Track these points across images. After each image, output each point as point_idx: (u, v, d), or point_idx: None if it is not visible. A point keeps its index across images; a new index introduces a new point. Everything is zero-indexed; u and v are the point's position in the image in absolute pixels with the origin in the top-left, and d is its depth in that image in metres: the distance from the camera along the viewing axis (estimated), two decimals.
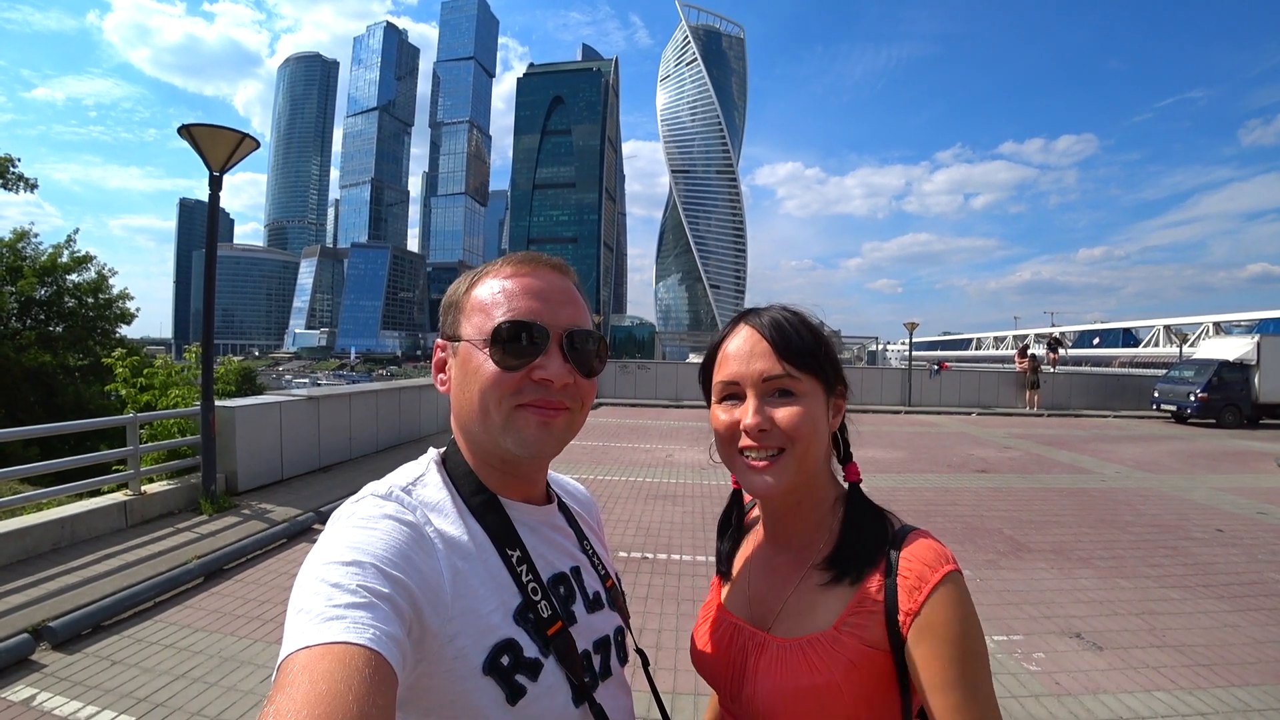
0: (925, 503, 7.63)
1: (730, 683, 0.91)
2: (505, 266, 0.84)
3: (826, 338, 0.91)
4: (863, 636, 0.80)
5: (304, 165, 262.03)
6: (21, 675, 3.43)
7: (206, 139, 6.22)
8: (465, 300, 0.83)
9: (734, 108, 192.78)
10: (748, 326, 0.90)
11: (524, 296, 0.80)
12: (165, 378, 8.54)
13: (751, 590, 0.97)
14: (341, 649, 0.53)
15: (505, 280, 0.81)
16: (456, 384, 0.81)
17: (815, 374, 0.87)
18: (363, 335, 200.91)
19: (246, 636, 3.89)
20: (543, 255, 0.86)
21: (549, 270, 0.84)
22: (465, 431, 0.83)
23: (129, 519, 5.79)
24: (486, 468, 0.82)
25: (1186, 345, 30.33)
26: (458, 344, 0.81)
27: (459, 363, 0.81)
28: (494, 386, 0.77)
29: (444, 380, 0.84)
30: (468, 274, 0.86)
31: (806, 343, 0.87)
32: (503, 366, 0.76)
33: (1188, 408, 17.29)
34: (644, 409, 18.19)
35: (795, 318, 0.90)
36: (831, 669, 0.80)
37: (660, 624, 4.15)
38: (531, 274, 0.82)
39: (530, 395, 0.77)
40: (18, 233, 15.80)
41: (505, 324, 0.77)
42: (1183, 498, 8.23)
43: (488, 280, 0.83)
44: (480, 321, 0.79)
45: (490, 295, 0.80)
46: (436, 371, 0.86)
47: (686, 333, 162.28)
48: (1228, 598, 4.77)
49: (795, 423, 0.84)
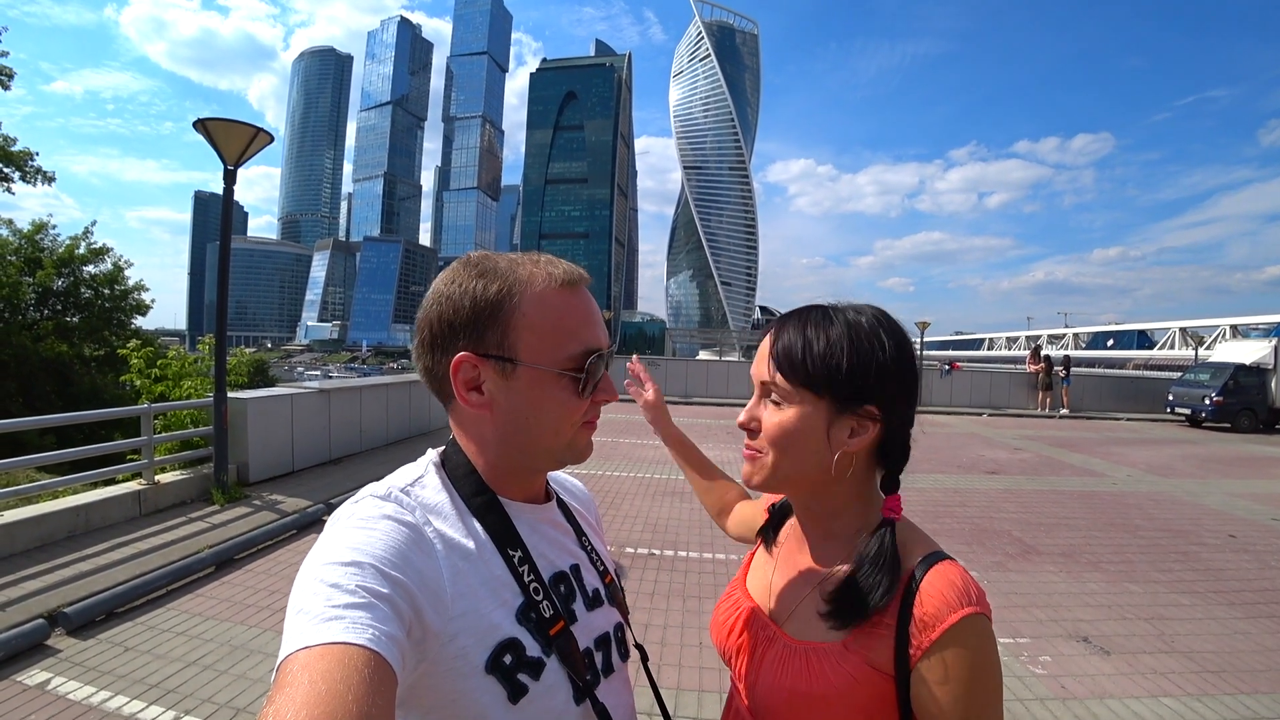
0: (934, 503, 7.59)
1: (741, 664, 0.93)
2: (551, 283, 0.79)
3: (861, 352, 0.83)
4: (868, 657, 0.78)
5: (317, 159, 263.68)
6: (37, 660, 3.49)
7: (221, 133, 6.27)
8: (514, 316, 0.77)
9: (747, 104, 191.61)
10: (770, 332, 0.91)
11: (590, 325, 0.81)
12: (179, 369, 8.62)
13: (774, 581, 0.97)
14: (341, 649, 0.53)
15: (566, 302, 0.80)
16: (520, 407, 0.78)
17: (811, 389, 0.83)
18: (374, 328, 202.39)
19: (256, 625, 3.94)
20: (576, 268, 0.83)
21: (586, 287, 0.84)
22: (508, 447, 0.81)
23: (142, 508, 5.87)
24: (500, 472, 0.82)
25: (1202, 348, 29.96)
26: (510, 365, 0.77)
27: (521, 387, 0.78)
28: (575, 412, 0.80)
29: (480, 401, 0.78)
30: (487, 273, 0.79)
31: (812, 355, 0.83)
32: (582, 395, 0.80)
33: (1202, 411, 17.05)
34: None
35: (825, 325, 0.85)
36: (831, 682, 0.79)
37: (666, 620, 4.16)
38: (582, 294, 0.83)
39: (590, 414, 0.83)
40: (36, 224, 16.01)
41: (592, 356, 0.79)
42: (1195, 503, 8.14)
43: (539, 296, 0.78)
44: (551, 348, 0.77)
45: (556, 319, 0.78)
46: (466, 389, 0.78)
47: (697, 330, 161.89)
48: (1239, 604, 4.72)
49: (772, 431, 0.86)
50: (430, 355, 0.80)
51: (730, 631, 0.97)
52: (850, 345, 0.83)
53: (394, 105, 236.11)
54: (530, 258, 0.82)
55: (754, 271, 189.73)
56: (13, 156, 15.19)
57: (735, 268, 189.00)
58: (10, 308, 14.97)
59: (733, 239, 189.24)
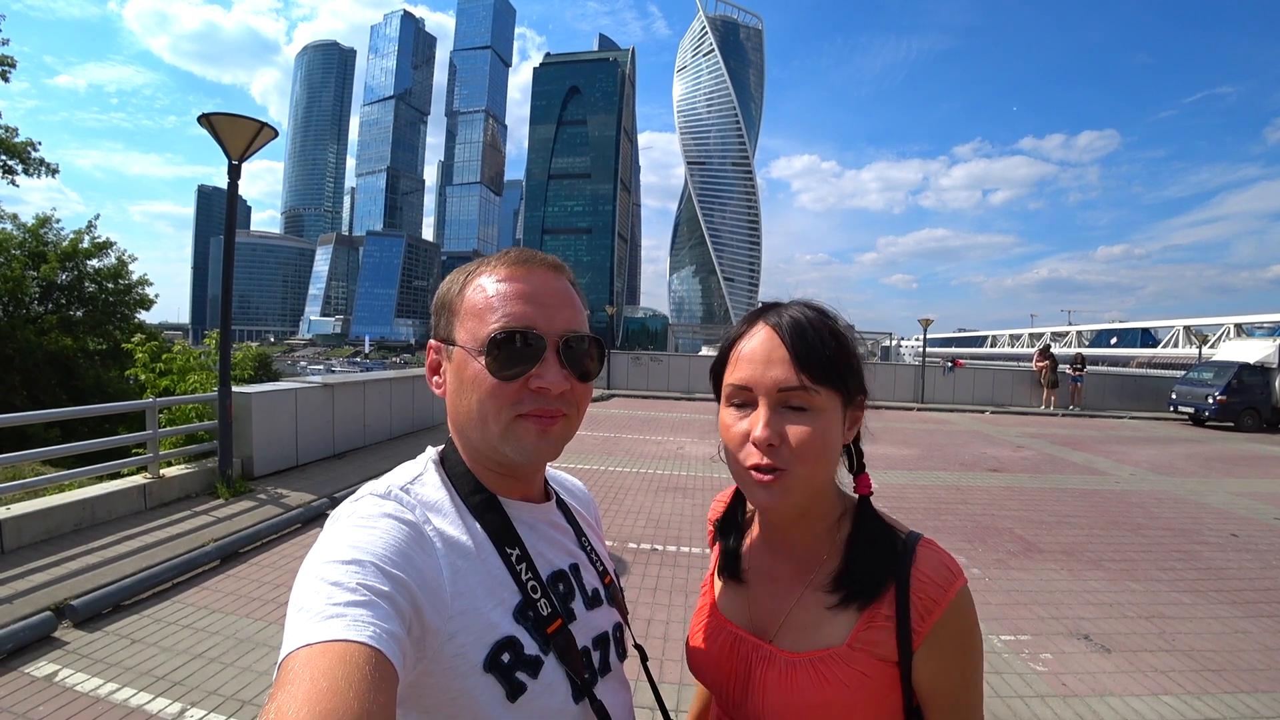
0: (936, 500, 7.59)
1: (734, 693, 0.89)
2: (499, 267, 0.80)
3: (851, 342, 0.83)
4: (874, 651, 0.79)
5: (321, 153, 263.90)
6: (44, 652, 3.52)
7: (226, 128, 6.27)
8: (458, 302, 0.80)
9: (750, 99, 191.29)
10: (766, 327, 0.82)
11: (518, 301, 0.77)
12: (184, 363, 8.66)
13: (751, 599, 0.93)
14: (342, 646, 0.53)
15: (499, 282, 0.79)
16: (453, 390, 0.80)
17: (834, 386, 0.80)
18: (377, 323, 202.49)
19: (261, 619, 3.96)
20: (537, 253, 0.83)
21: (544, 270, 0.81)
22: (462, 436, 0.82)
23: (148, 501, 5.89)
24: (484, 469, 0.82)
25: (1206, 347, 29.80)
26: (452, 349, 0.80)
27: (454, 369, 0.79)
28: (491, 397, 0.76)
29: (439, 384, 0.83)
30: (460, 270, 0.84)
31: (829, 350, 0.79)
32: (499, 377, 0.75)
33: (1206, 410, 17.03)
34: (655, 401, 18.19)
35: (819, 319, 0.82)
36: (844, 685, 0.78)
37: (669, 615, 4.18)
38: (526, 275, 0.79)
39: (529, 405, 0.76)
40: (40, 218, 16.00)
41: (500, 332, 0.75)
42: (1198, 501, 8.13)
43: (480, 281, 0.80)
44: (474, 327, 0.77)
45: (483, 299, 0.78)
46: (431, 374, 0.84)
47: (700, 325, 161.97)
48: (1240, 603, 4.72)
49: (806, 442, 0.78)
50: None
51: (717, 662, 0.91)
52: (845, 337, 0.83)
53: (397, 100, 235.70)
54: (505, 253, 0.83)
55: (757, 267, 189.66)
56: (15, 148, 15.18)
57: (738, 263, 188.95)
58: (14, 302, 14.99)
59: (736, 235, 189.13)
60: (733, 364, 0.84)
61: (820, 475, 0.82)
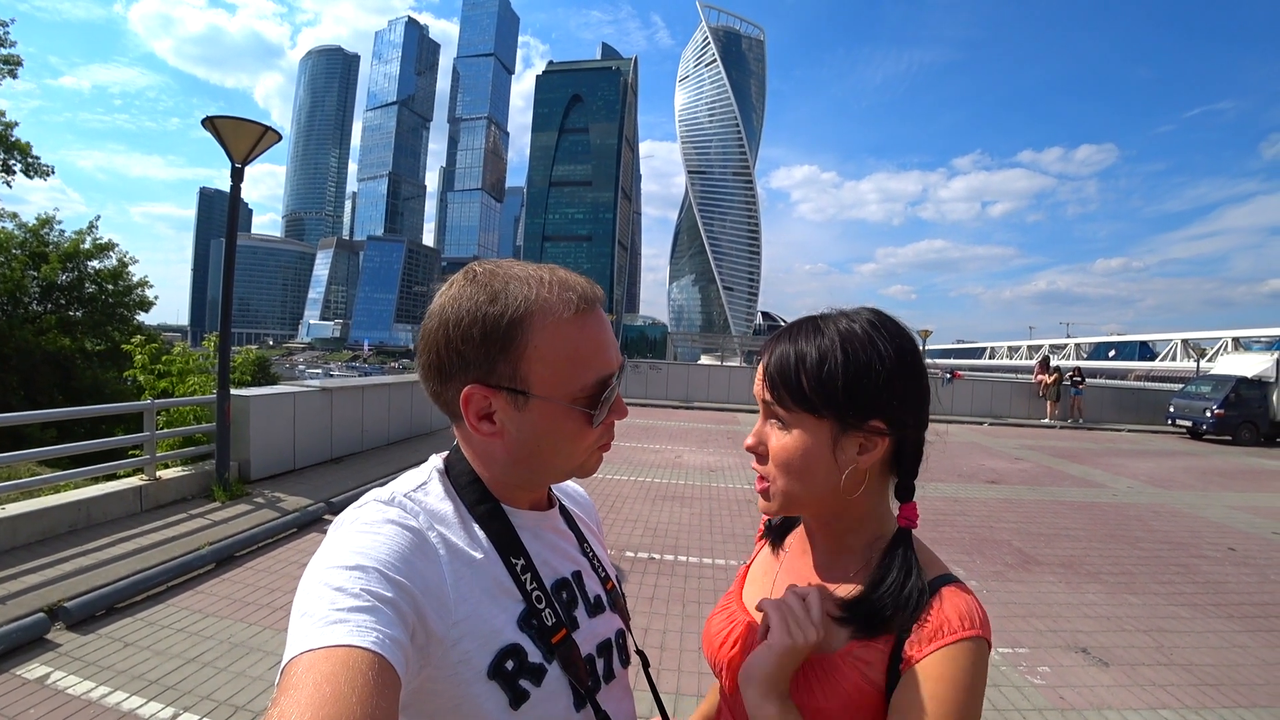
0: (934, 512, 7.58)
1: (732, 679, 0.89)
2: (566, 311, 0.74)
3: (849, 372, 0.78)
4: (864, 671, 0.77)
5: (323, 158, 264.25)
6: (36, 654, 3.50)
7: (230, 131, 6.29)
8: (526, 349, 0.72)
9: (752, 110, 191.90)
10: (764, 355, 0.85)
11: (604, 348, 0.77)
12: (183, 365, 8.65)
13: (775, 593, 0.94)
14: (345, 652, 0.53)
15: (577, 330, 0.75)
16: (528, 439, 0.76)
17: (810, 412, 0.79)
18: (376, 328, 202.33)
19: (256, 623, 3.94)
20: (589, 288, 0.78)
21: (600, 306, 0.79)
22: (518, 467, 0.79)
23: (144, 504, 5.87)
24: (506, 485, 0.81)
25: (1204, 360, 29.89)
26: (523, 398, 0.74)
27: (534, 419, 0.75)
28: (587, 439, 0.78)
29: (492, 430, 0.76)
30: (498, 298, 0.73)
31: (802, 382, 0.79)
32: (596, 423, 0.77)
33: (1203, 424, 17.03)
34: (654, 409, 18.15)
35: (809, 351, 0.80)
36: (825, 695, 0.78)
37: (666, 625, 4.16)
38: (597, 318, 0.77)
39: (607, 437, 0.82)
40: (42, 219, 16.01)
41: (600, 385, 0.76)
42: (1195, 515, 8.13)
43: (555, 328, 0.73)
44: (565, 380, 0.74)
45: (571, 349, 0.74)
46: (477, 419, 0.75)
47: (699, 334, 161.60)
48: (1238, 617, 4.71)
49: (779, 455, 0.82)
50: (438, 380, 0.76)
51: (723, 645, 0.94)
52: (845, 359, 0.78)
53: (400, 105, 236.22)
54: (539, 277, 0.75)
55: (756, 277, 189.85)
56: (17, 145, 15.20)
57: (738, 273, 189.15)
58: (14, 302, 14.99)
59: (736, 244, 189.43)
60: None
61: (802, 491, 0.82)
